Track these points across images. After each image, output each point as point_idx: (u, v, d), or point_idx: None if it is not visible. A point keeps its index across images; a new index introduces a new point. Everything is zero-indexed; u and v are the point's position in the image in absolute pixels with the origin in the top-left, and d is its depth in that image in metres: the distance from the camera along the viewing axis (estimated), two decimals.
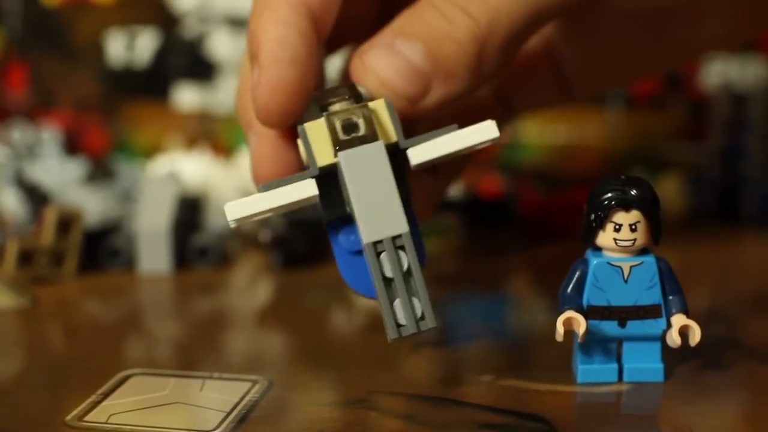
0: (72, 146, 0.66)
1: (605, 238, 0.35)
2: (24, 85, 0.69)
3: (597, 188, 0.35)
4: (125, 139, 0.69)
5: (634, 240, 0.35)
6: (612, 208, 0.35)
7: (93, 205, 0.54)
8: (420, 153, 0.34)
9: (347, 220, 0.35)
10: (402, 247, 0.34)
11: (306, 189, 0.34)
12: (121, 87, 0.69)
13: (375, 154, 0.34)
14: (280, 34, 0.36)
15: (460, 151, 0.34)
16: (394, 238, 0.34)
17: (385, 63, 0.37)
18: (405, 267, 0.34)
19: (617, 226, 0.35)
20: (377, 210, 0.34)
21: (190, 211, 0.55)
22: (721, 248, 0.57)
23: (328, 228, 0.36)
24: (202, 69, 0.67)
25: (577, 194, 0.58)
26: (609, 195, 0.35)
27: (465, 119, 0.37)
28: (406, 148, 0.34)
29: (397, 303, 0.34)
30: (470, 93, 0.38)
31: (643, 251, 0.36)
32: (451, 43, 0.37)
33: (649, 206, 0.35)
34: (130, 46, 0.68)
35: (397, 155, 0.34)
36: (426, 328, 0.33)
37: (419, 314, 0.34)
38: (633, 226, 0.35)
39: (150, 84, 0.68)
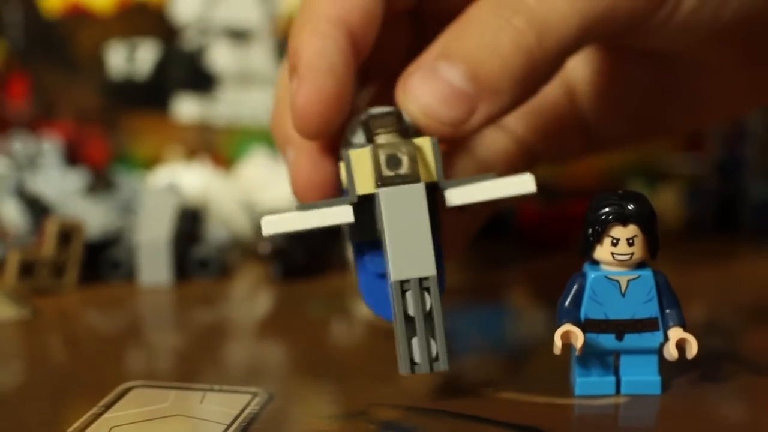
0: (72, 157, 0.66)
1: (603, 252, 0.35)
2: (25, 96, 0.70)
3: (594, 203, 0.35)
4: (125, 150, 0.69)
5: (632, 254, 0.35)
6: (609, 222, 0.35)
7: (94, 217, 0.54)
8: (458, 195, 0.35)
9: (375, 243, 0.36)
10: (427, 289, 0.34)
11: (342, 215, 0.35)
12: (121, 98, 0.69)
13: (414, 196, 0.34)
14: (318, 46, 0.36)
15: (496, 199, 0.35)
16: (422, 279, 0.34)
17: (428, 90, 0.36)
18: (428, 308, 0.34)
19: (614, 241, 0.35)
20: (409, 250, 0.34)
21: (191, 222, 0.55)
22: (719, 260, 0.57)
23: (355, 250, 0.37)
24: (202, 81, 0.68)
25: (575, 206, 0.58)
26: (606, 210, 0.35)
27: (493, 170, 0.37)
28: (445, 189, 0.35)
29: (415, 341, 0.34)
30: (515, 108, 0.38)
31: (640, 265, 0.36)
32: (495, 59, 0.36)
33: (646, 221, 0.35)
34: (131, 58, 0.68)
35: (434, 192, 0.35)
36: (438, 370, 0.35)
37: (434, 355, 0.35)
38: (630, 241, 0.35)
39: (150, 96, 0.68)
